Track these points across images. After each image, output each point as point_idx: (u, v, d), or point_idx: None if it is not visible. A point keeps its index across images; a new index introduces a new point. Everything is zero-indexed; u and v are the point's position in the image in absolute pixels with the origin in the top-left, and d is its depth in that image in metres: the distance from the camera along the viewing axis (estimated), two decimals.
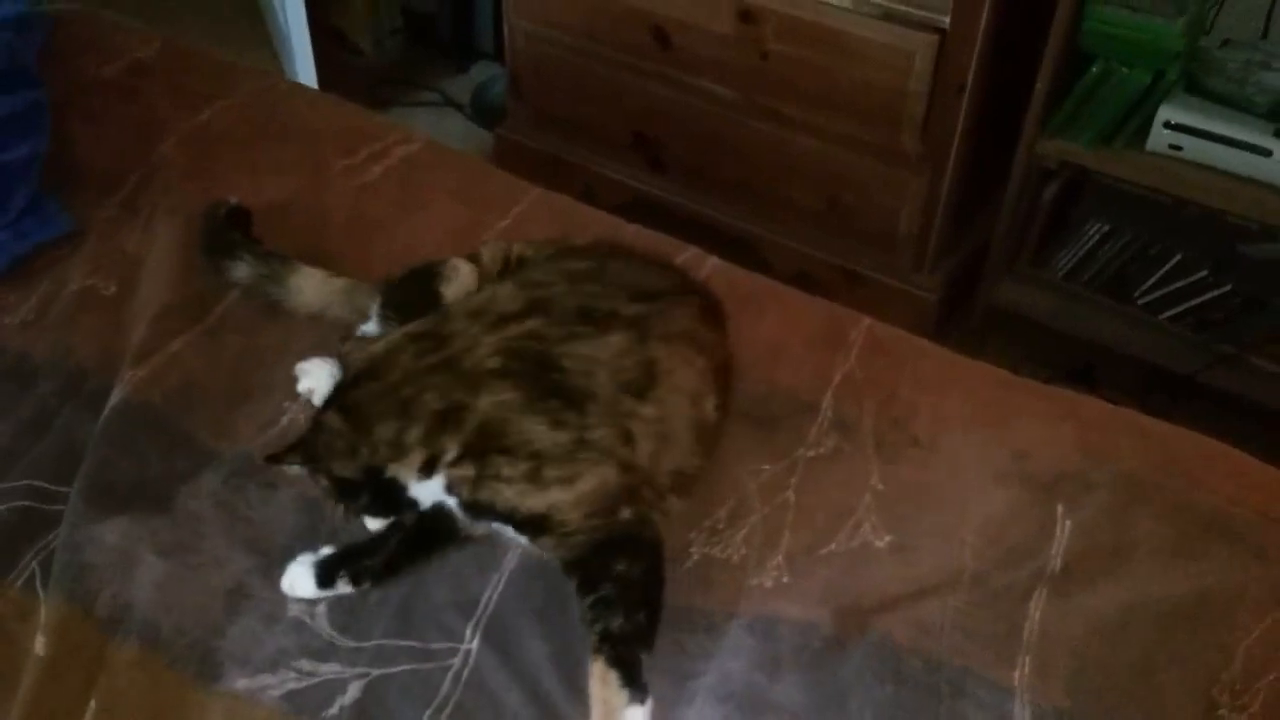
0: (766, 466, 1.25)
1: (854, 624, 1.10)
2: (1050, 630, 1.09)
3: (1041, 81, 1.97)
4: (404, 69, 3.01)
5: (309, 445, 1.12)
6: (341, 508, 1.15)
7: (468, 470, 1.10)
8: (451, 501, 1.12)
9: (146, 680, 1.07)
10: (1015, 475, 1.23)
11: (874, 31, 1.99)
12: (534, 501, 1.09)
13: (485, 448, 1.09)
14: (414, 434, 1.09)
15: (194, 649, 1.09)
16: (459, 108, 2.91)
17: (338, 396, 1.15)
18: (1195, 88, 1.98)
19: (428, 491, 1.12)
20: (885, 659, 1.07)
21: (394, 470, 1.10)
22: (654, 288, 1.26)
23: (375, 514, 1.16)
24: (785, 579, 1.15)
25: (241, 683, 1.06)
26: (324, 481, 1.13)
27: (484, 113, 2.84)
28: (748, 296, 1.46)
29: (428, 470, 1.11)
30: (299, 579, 1.13)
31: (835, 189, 2.24)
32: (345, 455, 1.10)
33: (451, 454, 1.10)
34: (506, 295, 1.21)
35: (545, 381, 1.12)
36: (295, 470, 1.15)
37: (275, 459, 1.13)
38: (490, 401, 1.10)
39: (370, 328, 1.31)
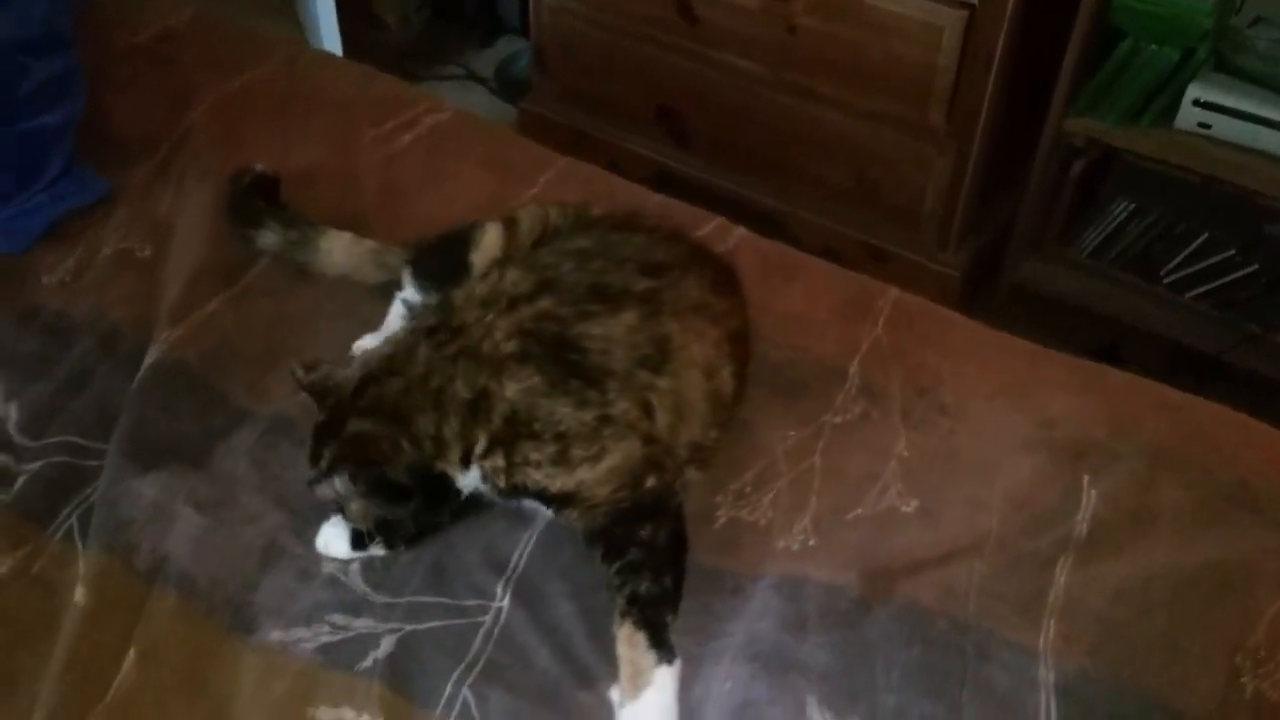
0: (793, 432, 1.26)
1: (881, 587, 1.12)
2: (1075, 596, 1.10)
3: (1070, 58, 1.97)
4: (429, 43, 3.02)
5: (353, 456, 1.08)
6: (385, 540, 1.13)
7: (499, 460, 1.10)
8: (485, 488, 1.13)
9: (185, 630, 1.10)
10: (1041, 444, 1.24)
11: (903, 5, 1.99)
12: (563, 481, 1.10)
13: (513, 435, 1.10)
14: (451, 427, 1.09)
15: (230, 601, 1.11)
16: (483, 82, 2.91)
17: (351, 403, 1.10)
18: (1225, 66, 1.97)
19: (467, 482, 1.13)
20: (912, 621, 1.09)
21: (440, 466, 1.10)
22: (663, 260, 1.25)
23: (428, 518, 1.14)
24: (812, 542, 1.16)
25: (276, 635, 1.08)
26: (360, 504, 1.09)
27: (508, 87, 2.84)
28: (775, 266, 1.46)
29: (464, 463, 1.11)
30: (333, 540, 1.15)
31: (861, 165, 2.24)
32: (392, 455, 1.08)
33: (482, 445, 1.10)
34: (514, 278, 1.20)
35: (565, 363, 1.12)
36: (332, 493, 1.11)
37: (317, 481, 1.10)
38: (516, 389, 1.10)
39: (409, 295, 1.32)
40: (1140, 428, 1.26)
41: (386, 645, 1.07)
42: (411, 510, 1.12)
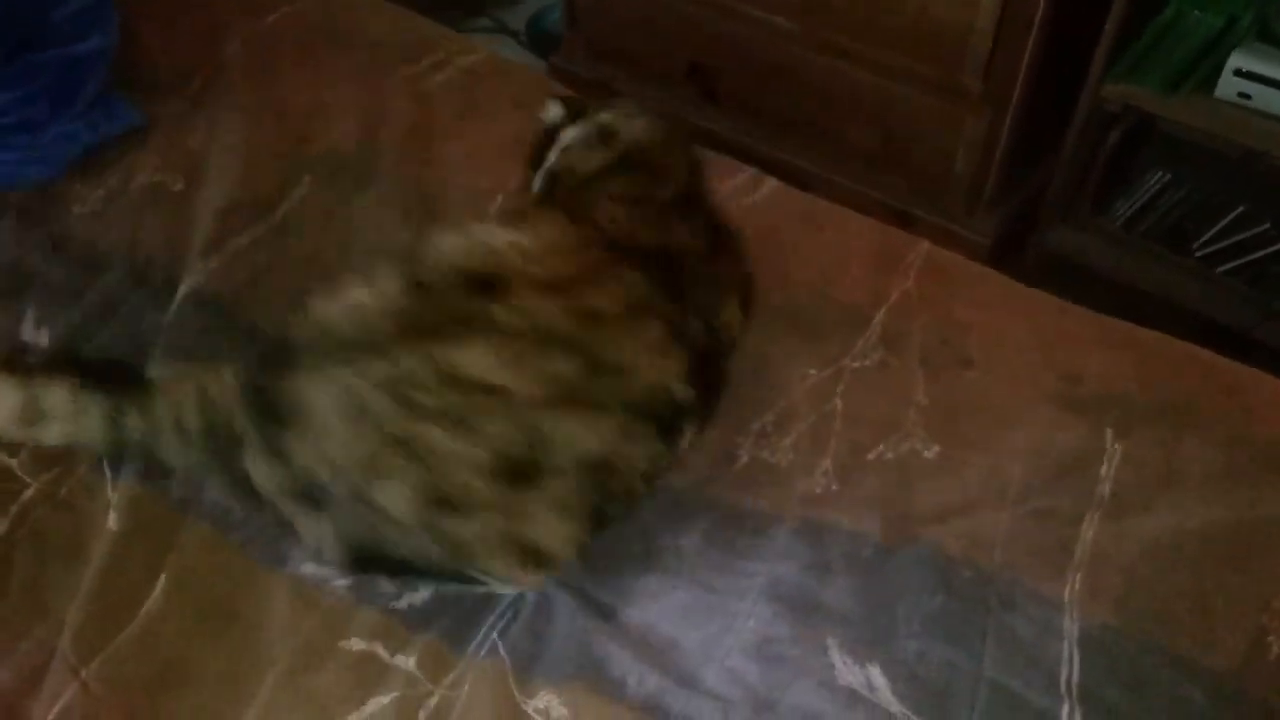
0: (813, 371, 1.26)
1: (903, 534, 1.11)
2: (1102, 550, 1.10)
3: (1111, 21, 1.93)
4: None
5: None
6: None
7: None
8: None
9: (216, 558, 1.10)
10: (1066, 397, 1.23)
11: None
12: None
13: None
14: None
15: (264, 532, 1.11)
16: (514, 35, 2.89)
17: None
18: (1269, 35, 1.93)
19: None
20: (935, 570, 1.09)
21: None
22: None
23: None
24: (834, 486, 1.16)
25: (308, 568, 1.08)
26: None
27: (538, 40, 2.82)
28: (806, 217, 1.46)
29: None
30: None
31: (891, 126, 2.22)
32: None
33: None
34: None
35: None
36: None
37: None
38: None
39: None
40: (1169, 385, 1.25)
41: (424, 591, 1.07)
42: None
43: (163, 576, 1.09)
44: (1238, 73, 1.90)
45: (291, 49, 1.64)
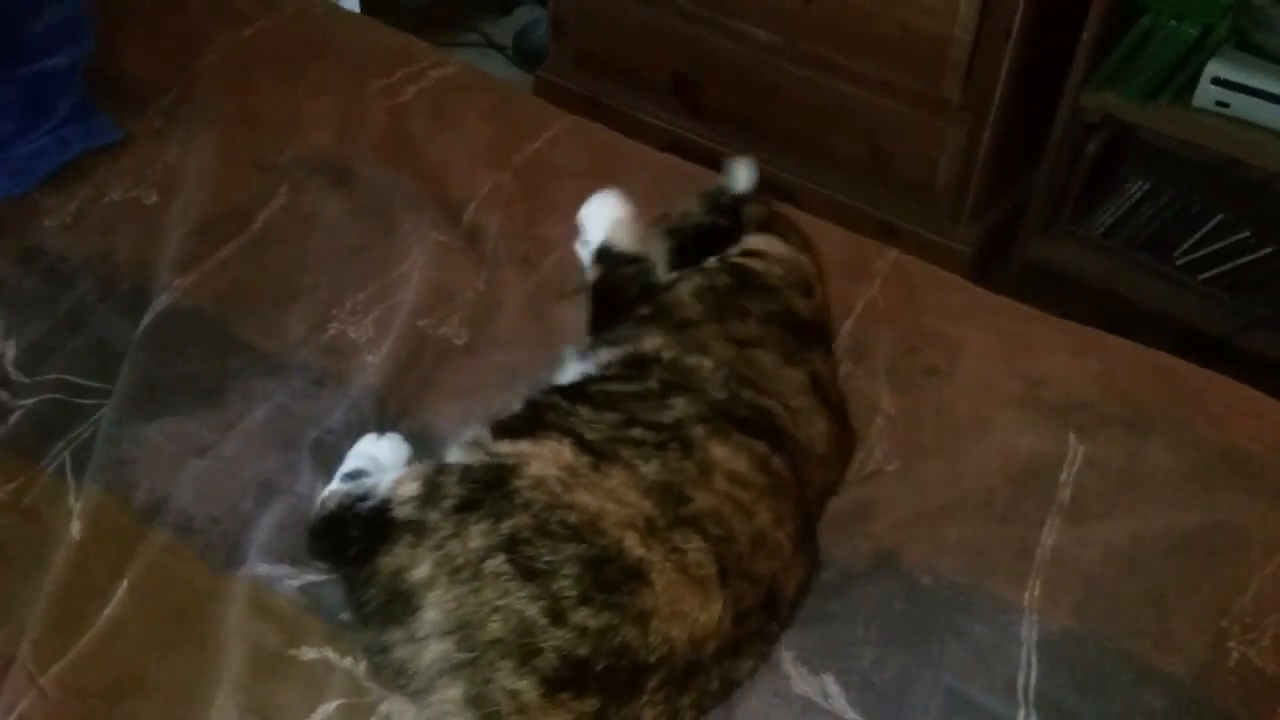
0: None
1: (863, 542, 1.11)
2: (1061, 554, 1.10)
3: (1089, 32, 1.94)
4: (447, 9, 3.01)
5: None
6: None
7: None
8: None
9: (177, 565, 1.10)
10: (1029, 403, 1.24)
11: None
12: None
13: None
14: None
15: (226, 538, 1.11)
16: (501, 50, 2.91)
17: None
18: (1245, 44, 1.94)
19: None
20: (894, 577, 1.09)
21: None
22: None
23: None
24: None
25: (262, 568, 1.09)
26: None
27: (526, 55, 2.84)
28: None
29: None
30: None
31: (874, 138, 2.22)
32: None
33: None
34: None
35: None
36: None
37: None
38: None
39: None
40: (1133, 390, 1.25)
41: None
42: None
43: (124, 584, 1.09)
44: (1215, 81, 1.90)
45: (268, 62, 1.65)
